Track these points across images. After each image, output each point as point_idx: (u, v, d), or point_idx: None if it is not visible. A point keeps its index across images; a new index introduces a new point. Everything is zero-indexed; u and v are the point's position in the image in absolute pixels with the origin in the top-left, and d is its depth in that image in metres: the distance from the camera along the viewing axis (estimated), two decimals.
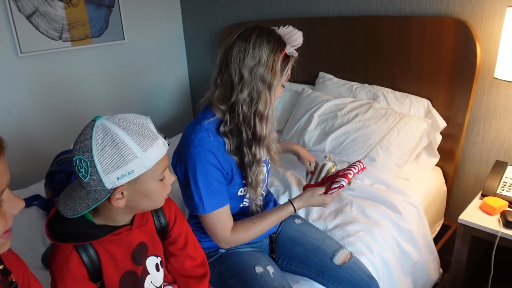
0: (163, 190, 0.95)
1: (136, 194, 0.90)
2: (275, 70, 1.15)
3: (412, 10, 2.02)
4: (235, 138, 1.20)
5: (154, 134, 0.90)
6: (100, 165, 0.83)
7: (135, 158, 0.84)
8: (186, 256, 1.11)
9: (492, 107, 1.89)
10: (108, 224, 0.95)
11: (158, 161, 0.89)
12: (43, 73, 2.49)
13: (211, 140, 1.17)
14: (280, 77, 1.18)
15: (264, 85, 1.15)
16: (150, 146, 0.87)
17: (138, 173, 0.86)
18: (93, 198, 0.86)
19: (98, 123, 0.85)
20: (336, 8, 2.30)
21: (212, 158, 1.16)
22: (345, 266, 1.30)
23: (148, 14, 2.96)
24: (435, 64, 1.94)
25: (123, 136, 0.84)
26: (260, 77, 1.14)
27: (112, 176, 0.84)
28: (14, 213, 0.70)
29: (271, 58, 1.14)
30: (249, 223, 1.23)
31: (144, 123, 0.90)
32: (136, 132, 0.86)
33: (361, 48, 2.20)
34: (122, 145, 0.83)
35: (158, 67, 3.13)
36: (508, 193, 1.64)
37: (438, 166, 2.05)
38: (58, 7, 2.45)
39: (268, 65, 1.14)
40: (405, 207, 1.69)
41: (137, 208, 0.96)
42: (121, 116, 0.88)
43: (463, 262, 1.66)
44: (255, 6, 2.68)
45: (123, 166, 0.84)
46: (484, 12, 1.80)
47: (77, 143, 0.86)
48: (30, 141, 2.49)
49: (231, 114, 1.17)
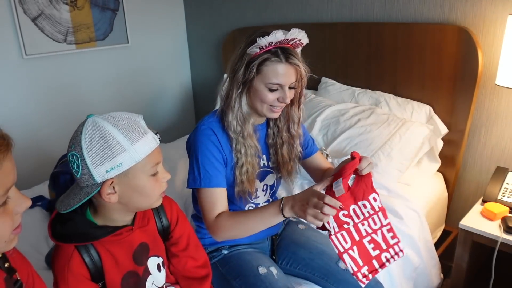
0: (156, 186, 0.94)
1: (128, 189, 0.90)
2: (243, 68, 1.19)
3: (414, 17, 2.04)
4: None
5: (143, 128, 0.91)
6: (89, 158, 0.84)
7: (123, 150, 0.85)
8: (188, 257, 1.11)
9: (493, 114, 1.91)
10: (109, 225, 0.96)
11: (148, 155, 0.90)
12: (47, 75, 2.51)
13: (219, 125, 1.26)
14: (252, 76, 1.18)
15: (233, 82, 1.22)
16: (138, 139, 0.88)
17: (127, 166, 0.87)
18: (84, 193, 0.87)
19: (89, 119, 0.88)
20: (339, 14, 2.32)
21: (214, 138, 1.23)
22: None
23: (152, 18, 2.98)
24: (437, 70, 1.96)
25: (112, 130, 0.86)
26: (231, 71, 1.23)
27: (101, 169, 0.85)
28: (20, 211, 0.70)
29: (243, 57, 1.19)
30: (236, 213, 1.21)
31: (134, 119, 0.91)
32: (125, 126, 0.87)
33: (363, 54, 2.22)
34: (110, 138, 0.85)
35: (161, 71, 3.15)
36: (509, 199, 1.65)
37: (440, 171, 2.06)
38: (64, 10, 2.48)
39: (238, 63, 1.20)
40: (407, 212, 1.70)
41: (132, 206, 0.95)
42: (112, 113, 0.90)
43: (464, 267, 1.66)
44: (258, 12, 2.70)
45: (112, 159, 0.85)
46: (485, 19, 1.81)
47: (70, 140, 0.88)
48: (34, 142, 2.50)
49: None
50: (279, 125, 1.33)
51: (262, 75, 1.18)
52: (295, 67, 1.19)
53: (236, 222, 1.17)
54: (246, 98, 1.23)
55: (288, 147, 1.34)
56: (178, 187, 1.95)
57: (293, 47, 1.21)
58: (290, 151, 1.35)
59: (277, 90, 1.20)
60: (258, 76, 1.18)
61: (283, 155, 1.34)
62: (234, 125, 1.23)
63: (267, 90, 1.19)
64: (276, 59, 1.16)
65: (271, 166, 1.37)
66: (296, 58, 1.19)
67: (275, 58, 1.16)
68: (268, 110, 1.23)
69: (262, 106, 1.22)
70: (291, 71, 1.19)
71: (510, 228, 1.51)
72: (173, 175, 2.02)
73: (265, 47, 1.15)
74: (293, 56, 1.18)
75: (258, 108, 1.23)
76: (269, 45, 1.15)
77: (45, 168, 2.26)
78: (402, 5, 2.06)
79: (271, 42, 1.14)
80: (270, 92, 1.19)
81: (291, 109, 1.31)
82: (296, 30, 1.17)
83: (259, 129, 1.32)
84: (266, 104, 1.21)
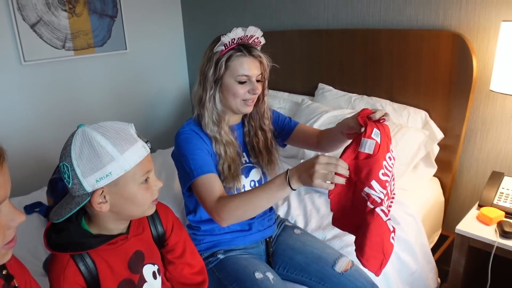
0: (147, 194, 0.94)
1: (119, 198, 0.91)
2: (211, 64, 1.30)
3: (409, 24, 2.06)
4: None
5: (133, 137, 0.91)
6: (79, 168, 0.85)
7: (112, 160, 0.86)
8: (184, 263, 1.11)
9: (488, 119, 1.92)
10: (103, 233, 0.96)
11: (138, 163, 0.90)
12: (46, 81, 2.52)
13: (198, 128, 1.35)
14: (215, 71, 1.29)
15: (205, 84, 1.32)
16: (128, 148, 0.88)
17: (116, 175, 0.87)
18: (76, 202, 0.88)
19: (79, 130, 0.89)
20: (336, 21, 2.34)
21: (197, 136, 1.31)
22: (347, 274, 1.31)
23: (150, 25, 3.00)
24: (432, 76, 1.98)
25: (100, 140, 0.86)
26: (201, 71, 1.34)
27: (91, 178, 0.85)
28: (13, 225, 0.69)
29: (211, 58, 1.30)
30: (240, 193, 1.22)
31: (124, 128, 0.92)
32: (114, 135, 0.88)
33: (360, 60, 2.24)
34: (99, 148, 0.85)
35: (159, 76, 3.16)
36: (505, 203, 1.66)
37: (436, 176, 2.07)
38: (62, 16, 2.49)
39: (207, 64, 1.31)
40: (403, 217, 1.71)
41: (124, 214, 0.96)
42: (102, 123, 0.91)
43: (461, 271, 1.67)
44: (256, 18, 2.72)
45: (101, 169, 0.85)
46: (479, 26, 1.83)
47: (62, 150, 0.89)
48: (32, 148, 2.51)
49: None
50: (252, 123, 1.43)
51: (230, 70, 1.28)
52: (258, 59, 1.31)
53: (241, 201, 1.12)
54: (219, 97, 1.32)
55: (263, 142, 1.43)
56: (175, 194, 1.95)
57: (255, 44, 1.34)
58: (265, 144, 1.43)
59: (246, 83, 1.30)
60: (227, 72, 1.29)
61: (260, 149, 1.42)
62: (211, 125, 1.31)
63: (237, 84, 1.29)
64: (240, 53, 1.28)
65: (253, 162, 1.43)
66: (258, 51, 1.31)
67: (239, 52, 1.28)
68: (241, 104, 1.31)
69: (236, 101, 1.31)
70: (256, 63, 1.31)
71: (506, 232, 1.52)
72: (171, 181, 2.03)
73: (229, 44, 1.27)
74: (255, 49, 1.31)
75: (232, 104, 1.31)
76: (232, 43, 1.27)
77: (43, 174, 2.27)
78: (397, 11, 2.08)
79: (233, 38, 1.27)
80: (240, 85, 1.29)
81: (258, 105, 1.40)
82: (253, 28, 1.30)
83: (235, 128, 1.40)
84: (239, 98, 1.30)
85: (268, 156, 1.43)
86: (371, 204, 1.04)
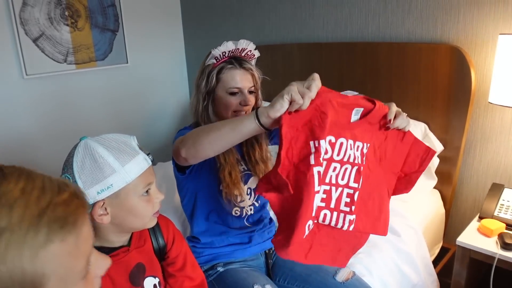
0: (148, 206, 0.95)
1: (120, 210, 0.91)
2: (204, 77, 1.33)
3: (408, 37, 2.08)
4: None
5: (134, 150, 0.92)
6: (81, 180, 0.86)
7: (113, 172, 0.86)
8: (185, 276, 1.11)
9: (487, 131, 1.93)
10: (105, 246, 0.96)
11: (139, 176, 0.90)
12: (47, 95, 2.54)
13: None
14: (209, 84, 1.32)
15: (198, 95, 1.35)
16: (129, 160, 0.89)
17: (117, 187, 0.88)
18: None
19: (81, 142, 0.90)
20: (335, 34, 2.37)
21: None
22: (348, 283, 1.30)
23: (151, 39, 3.03)
24: (431, 89, 1.99)
25: (102, 152, 0.87)
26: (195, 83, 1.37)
27: (92, 190, 0.86)
28: (100, 273, 0.63)
29: (203, 71, 1.34)
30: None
31: (126, 140, 0.93)
32: (115, 148, 0.89)
33: (359, 73, 2.25)
34: (101, 160, 0.86)
35: (160, 90, 3.18)
36: (505, 215, 1.66)
37: (436, 188, 2.07)
38: (64, 31, 2.52)
39: (201, 77, 1.35)
40: (404, 229, 1.70)
41: (125, 226, 0.96)
42: (104, 135, 0.92)
43: (462, 284, 1.66)
44: (255, 32, 2.75)
45: (102, 180, 0.86)
46: (477, 39, 1.85)
47: (64, 162, 0.90)
48: (34, 161, 2.51)
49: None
50: None
51: (222, 82, 1.32)
52: (250, 72, 1.33)
53: (204, 127, 1.08)
54: (212, 108, 1.35)
55: (259, 152, 1.43)
56: (176, 206, 1.95)
57: (248, 57, 1.37)
58: (260, 154, 1.44)
59: (238, 94, 1.32)
60: (218, 84, 1.32)
61: (256, 160, 1.43)
62: None
63: (229, 95, 1.32)
64: (231, 66, 1.31)
65: (250, 169, 1.44)
66: (249, 64, 1.34)
67: (230, 65, 1.32)
68: (233, 116, 1.32)
69: (228, 113, 1.32)
70: (247, 76, 1.33)
71: (507, 244, 1.52)
72: (172, 193, 2.03)
73: (220, 58, 1.31)
74: (246, 62, 1.33)
75: (224, 115, 1.33)
76: (223, 56, 1.31)
77: None
78: (396, 25, 2.11)
79: (224, 52, 1.31)
80: (231, 96, 1.32)
81: None
82: (244, 41, 1.33)
83: None
84: (230, 110, 1.32)
85: (265, 168, 1.44)
86: (313, 159, 0.89)
